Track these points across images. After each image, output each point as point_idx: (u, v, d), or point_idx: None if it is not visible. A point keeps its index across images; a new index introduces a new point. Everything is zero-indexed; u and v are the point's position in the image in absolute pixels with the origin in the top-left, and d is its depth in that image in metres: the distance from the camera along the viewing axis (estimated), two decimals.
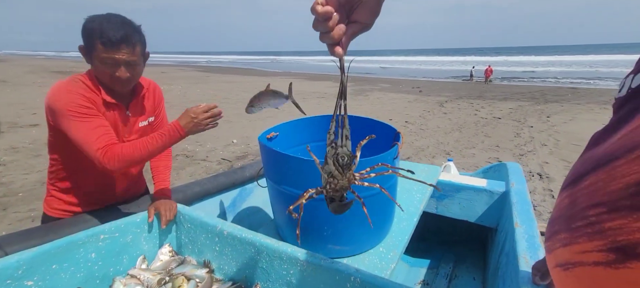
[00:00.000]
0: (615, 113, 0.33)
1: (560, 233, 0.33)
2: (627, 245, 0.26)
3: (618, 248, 0.26)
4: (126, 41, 0.90)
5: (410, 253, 1.80)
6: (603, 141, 0.32)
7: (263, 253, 0.88)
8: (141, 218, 1.04)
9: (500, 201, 1.44)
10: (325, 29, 0.41)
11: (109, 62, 0.91)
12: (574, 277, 0.31)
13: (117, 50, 0.89)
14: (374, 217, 1.03)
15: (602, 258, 0.28)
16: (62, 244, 0.87)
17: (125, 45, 0.90)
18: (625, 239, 0.26)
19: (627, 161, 0.27)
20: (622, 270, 0.26)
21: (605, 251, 0.27)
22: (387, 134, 1.17)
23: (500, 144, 4.58)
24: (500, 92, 10.82)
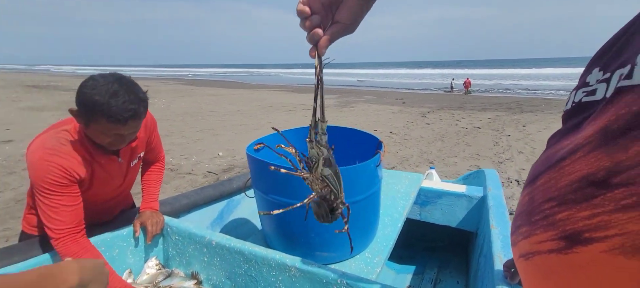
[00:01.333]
0: (563, 124, 0.38)
1: (522, 227, 0.37)
2: (573, 233, 0.30)
3: (566, 236, 0.31)
4: (134, 117, 0.83)
5: (396, 260, 1.84)
6: (555, 144, 0.37)
7: (252, 261, 0.90)
8: (127, 231, 1.03)
9: (478, 205, 1.51)
10: (305, 29, 0.42)
11: (113, 135, 0.85)
12: (533, 265, 0.35)
13: (123, 126, 0.82)
14: (360, 223, 1.07)
15: (554, 246, 0.32)
16: (43, 260, 0.86)
17: (133, 120, 0.83)
18: (571, 228, 0.30)
19: (571, 162, 0.32)
20: (570, 255, 0.30)
21: (557, 239, 0.32)
22: (370, 144, 1.22)
23: (481, 153, 4.76)
24: (480, 103, 11.27)
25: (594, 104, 0.33)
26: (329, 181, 0.52)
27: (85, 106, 0.80)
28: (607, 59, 0.36)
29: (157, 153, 1.16)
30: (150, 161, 1.17)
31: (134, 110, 0.82)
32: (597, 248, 0.28)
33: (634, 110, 0.27)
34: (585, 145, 0.31)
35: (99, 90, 0.79)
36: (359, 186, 1.01)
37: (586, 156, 0.30)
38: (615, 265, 0.27)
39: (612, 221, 0.27)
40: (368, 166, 1.00)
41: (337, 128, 1.37)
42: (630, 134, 0.27)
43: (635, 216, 0.26)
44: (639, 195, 0.26)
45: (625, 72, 0.30)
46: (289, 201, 0.99)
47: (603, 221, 0.28)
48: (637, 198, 0.26)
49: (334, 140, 1.52)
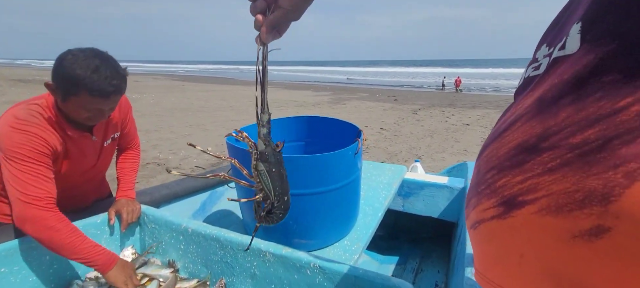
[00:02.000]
0: (514, 99, 0.40)
1: (472, 199, 0.38)
2: (509, 198, 0.31)
3: (504, 201, 0.32)
4: (116, 92, 0.84)
5: (381, 251, 1.86)
6: (502, 118, 0.37)
7: (227, 248, 0.90)
8: (101, 219, 1.02)
9: (459, 196, 1.54)
10: (252, 15, 0.42)
11: (93, 109, 0.84)
12: (480, 233, 0.36)
13: (106, 100, 0.83)
14: (339, 211, 1.08)
15: (495, 212, 0.33)
16: (11, 246, 0.84)
17: (115, 96, 0.84)
18: (509, 193, 0.31)
19: (511, 132, 0.33)
20: (508, 219, 0.31)
21: (497, 206, 0.32)
22: (350, 133, 1.23)
23: (468, 149, 4.83)
24: (469, 101, 11.42)
25: (534, 78, 0.34)
26: (261, 178, 0.50)
27: (65, 80, 0.79)
28: (552, 35, 0.36)
29: (131, 139, 1.15)
30: (125, 148, 1.15)
31: (117, 85, 0.83)
32: (529, 210, 0.29)
33: (565, 78, 0.28)
34: (524, 115, 0.32)
35: (80, 64, 0.79)
36: (336, 173, 1.01)
37: (523, 125, 0.31)
38: (544, 225, 0.28)
39: (540, 183, 0.28)
40: (346, 154, 1.00)
41: (319, 118, 1.37)
42: (561, 102, 0.28)
43: (559, 177, 0.27)
44: (562, 157, 0.27)
45: (560, 44, 0.31)
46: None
47: (533, 184, 0.29)
48: (560, 160, 0.27)
49: (315, 130, 1.52)
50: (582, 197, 0.25)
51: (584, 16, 0.28)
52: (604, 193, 0.24)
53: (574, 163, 0.26)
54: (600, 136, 0.25)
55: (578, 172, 0.26)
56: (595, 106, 0.25)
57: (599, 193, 0.24)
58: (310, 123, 1.39)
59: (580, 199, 0.25)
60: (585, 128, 0.26)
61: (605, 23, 0.26)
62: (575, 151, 0.26)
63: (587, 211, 0.25)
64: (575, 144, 0.26)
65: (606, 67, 0.25)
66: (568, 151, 0.27)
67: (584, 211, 0.25)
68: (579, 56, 0.27)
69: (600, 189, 0.24)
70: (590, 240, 0.25)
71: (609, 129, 0.24)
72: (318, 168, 0.98)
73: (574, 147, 0.26)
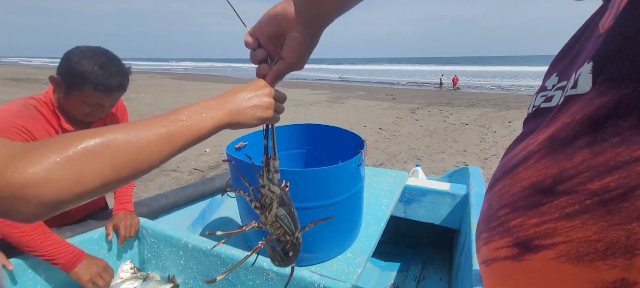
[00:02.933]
0: (524, 126, 0.38)
1: (482, 233, 0.37)
2: (525, 240, 0.30)
3: (519, 243, 0.31)
4: (119, 89, 0.89)
5: (383, 257, 1.84)
6: (512, 150, 0.36)
7: (229, 264, 0.88)
8: (99, 234, 0.99)
9: (462, 203, 1.52)
10: (253, 63, 0.42)
11: (96, 105, 0.88)
12: (492, 272, 0.35)
13: (108, 96, 0.87)
14: (342, 224, 1.06)
15: (509, 252, 0.32)
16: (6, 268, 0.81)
17: (117, 92, 0.89)
18: (524, 235, 0.30)
19: (524, 169, 0.32)
20: (524, 262, 0.30)
21: (511, 246, 0.31)
22: (353, 143, 1.21)
23: (467, 149, 4.83)
24: (468, 99, 11.43)
25: (550, 111, 0.33)
26: (282, 222, 0.49)
27: (71, 74, 0.83)
28: (563, 65, 0.36)
29: None
30: None
31: (120, 82, 0.87)
32: (546, 256, 0.28)
33: (578, 119, 0.27)
34: (536, 152, 0.31)
35: (88, 60, 0.83)
36: (340, 186, 1.00)
37: (537, 163, 0.30)
38: (562, 272, 0.27)
39: (558, 228, 0.27)
40: (349, 166, 0.98)
41: (320, 126, 1.35)
42: (575, 144, 0.27)
43: (578, 224, 0.26)
44: (580, 203, 0.26)
45: (572, 82, 0.30)
46: None
47: (550, 228, 0.28)
48: (579, 206, 0.26)
49: (316, 138, 1.49)
50: (604, 247, 0.24)
51: (596, 55, 0.27)
52: (628, 245, 0.23)
53: (595, 211, 0.25)
54: (620, 185, 0.24)
55: (599, 221, 0.25)
56: (613, 152, 0.24)
57: (623, 244, 0.24)
58: (310, 131, 1.37)
59: (602, 249, 0.25)
60: (604, 175, 0.25)
61: (621, 65, 0.25)
62: (595, 198, 0.25)
63: (610, 263, 0.24)
64: (594, 191, 0.25)
65: (623, 111, 0.24)
66: (587, 198, 0.26)
67: (606, 263, 0.24)
68: (592, 97, 0.27)
69: (624, 240, 0.24)
70: None
71: (630, 178, 0.23)
72: (321, 181, 0.96)
73: (593, 194, 0.25)
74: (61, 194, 0.27)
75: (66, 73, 0.84)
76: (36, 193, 0.26)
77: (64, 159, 0.27)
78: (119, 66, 0.88)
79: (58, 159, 0.27)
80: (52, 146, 0.28)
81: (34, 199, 0.26)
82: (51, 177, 0.27)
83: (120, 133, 0.31)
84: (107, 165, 0.30)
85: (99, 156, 0.30)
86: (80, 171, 0.29)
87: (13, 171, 0.26)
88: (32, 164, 0.26)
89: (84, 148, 0.29)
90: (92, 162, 0.29)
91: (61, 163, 0.27)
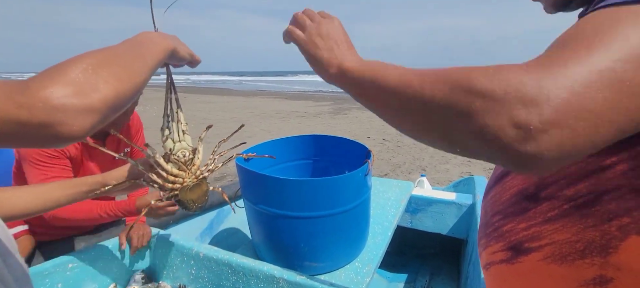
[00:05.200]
0: None
1: (482, 239, 0.40)
2: (516, 243, 0.33)
3: (512, 246, 0.33)
4: (133, 103, 0.93)
5: (389, 268, 1.84)
6: None
7: (240, 273, 0.89)
8: (112, 244, 1.01)
9: (468, 213, 1.53)
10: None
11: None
12: (491, 275, 0.38)
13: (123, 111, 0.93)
14: (349, 233, 1.07)
15: (504, 256, 0.34)
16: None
17: (132, 106, 0.94)
18: (515, 238, 0.33)
19: (511, 177, 0.35)
20: (516, 265, 0.33)
21: (505, 250, 0.34)
22: (359, 153, 1.23)
23: (472, 160, 4.83)
24: None
25: None
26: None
27: None
28: None
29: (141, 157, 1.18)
30: None
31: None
32: (535, 257, 0.31)
33: None
34: None
35: None
36: (347, 195, 1.01)
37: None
38: (550, 272, 0.29)
39: (543, 232, 0.30)
40: (356, 176, 1.00)
41: (327, 137, 1.38)
42: None
43: (559, 227, 0.29)
44: (559, 208, 0.29)
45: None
46: (277, 212, 0.99)
47: (536, 232, 0.31)
48: (558, 211, 0.29)
49: (323, 149, 1.52)
50: (583, 247, 0.27)
51: None
52: (602, 244, 0.26)
53: (572, 215, 0.28)
54: (591, 190, 0.27)
55: (576, 223, 0.28)
56: (584, 162, 0.27)
57: (598, 243, 0.26)
58: (317, 142, 1.40)
59: (581, 249, 0.27)
60: (577, 181, 0.28)
61: None
62: (571, 202, 0.28)
63: (589, 261, 0.27)
64: (570, 197, 0.28)
65: None
66: (564, 202, 0.29)
67: (585, 261, 0.27)
68: None
69: (598, 240, 0.26)
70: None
71: (599, 184, 0.26)
72: (328, 191, 0.98)
73: (569, 199, 0.28)
74: (94, 92, 0.29)
75: None
76: (78, 99, 0.28)
77: (83, 69, 0.29)
78: None
79: (79, 70, 0.29)
80: (66, 65, 0.29)
81: (78, 105, 0.27)
82: (81, 79, 0.29)
83: (109, 50, 0.35)
84: (120, 68, 0.33)
85: (112, 62, 0.33)
86: (108, 73, 0.31)
87: (45, 88, 0.27)
88: (61, 77, 0.28)
89: (95, 58, 0.32)
90: (111, 66, 0.32)
91: (84, 70, 0.29)
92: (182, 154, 0.54)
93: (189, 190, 0.56)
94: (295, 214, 0.97)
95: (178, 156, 0.54)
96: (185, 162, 0.54)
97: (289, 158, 1.38)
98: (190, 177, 0.54)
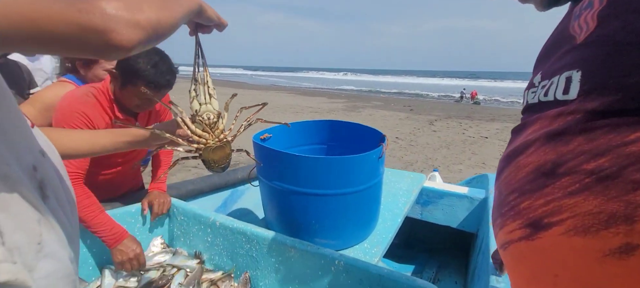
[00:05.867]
0: (521, 120, 0.42)
1: (497, 219, 0.40)
2: (535, 220, 0.33)
3: (530, 223, 0.34)
4: (167, 87, 0.96)
5: (396, 259, 1.85)
6: (513, 141, 0.41)
7: (253, 242, 0.93)
8: (136, 209, 1.08)
9: (480, 207, 1.52)
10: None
11: (145, 99, 0.97)
12: (510, 254, 0.38)
13: (158, 93, 0.95)
14: (360, 213, 1.09)
15: (523, 233, 0.35)
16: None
17: (165, 89, 0.96)
18: (534, 215, 0.33)
19: (526, 156, 0.36)
20: (537, 241, 0.33)
21: (523, 227, 0.35)
22: (373, 138, 1.25)
23: (487, 162, 4.73)
24: (488, 113, 11.16)
25: (538, 106, 0.38)
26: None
27: (127, 70, 0.92)
28: (546, 65, 0.40)
29: None
30: None
31: (169, 80, 0.95)
32: (556, 231, 0.31)
33: (570, 114, 0.33)
34: (535, 141, 0.35)
35: (143, 58, 0.91)
36: (360, 176, 1.04)
37: (537, 150, 0.34)
38: (572, 245, 0.30)
39: (563, 206, 0.31)
40: (370, 157, 1.02)
41: (341, 122, 1.40)
42: (570, 133, 0.32)
43: (580, 200, 0.29)
44: (581, 182, 0.30)
45: (562, 88, 0.35)
46: (291, 188, 1.02)
47: (556, 207, 0.31)
48: (580, 184, 0.30)
49: (337, 134, 1.54)
50: (606, 218, 0.28)
51: (584, 66, 0.33)
52: (627, 213, 0.27)
53: (594, 187, 0.29)
54: (614, 164, 0.28)
55: (599, 195, 0.28)
56: (606, 138, 0.29)
57: (622, 213, 0.27)
58: (332, 127, 1.42)
59: (604, 220, 0.28)
60: (598, 157, 0.29)
61: (608, 77, 0.30)
62: (593, 176, 0.29)
63: (614, 230, 0.27)
64: (591, 170, 0.29)
65: (614, 112, 0.29)
66: (586, 176, 0.29)
67: (610, 231, 0.27)
68: (581, 100, 0.32)
69: (622, 210, 0.27)
70: (621, 257, 0.27)
71: (621, 158, 0.27)
72: (342, 170, 1.01)
73: (591, 172, 0.29)
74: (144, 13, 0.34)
75: (123, 68, 0.93)
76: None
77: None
78: (170, 65, 0.96)
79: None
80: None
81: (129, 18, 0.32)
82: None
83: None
84: (160, 1, 0.38)
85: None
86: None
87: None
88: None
89: None
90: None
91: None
92: (207, 116, 0.57)
93: (211, 150, 0.60)
94: (308, 191, 1.01)
95: (203, 118, 0.58)
96: (210, 124, 0.57)
97: (304, 141, 1.41)
98: (213, 139, 0.57)
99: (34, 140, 0.38)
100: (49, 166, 0.38)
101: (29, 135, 0.37)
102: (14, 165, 0.33)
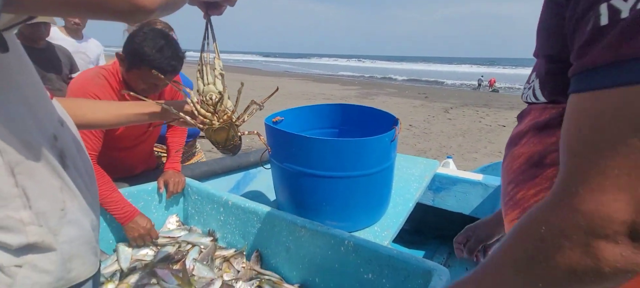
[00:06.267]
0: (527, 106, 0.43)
1: (502, 208, 0.42)
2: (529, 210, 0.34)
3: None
4: (173, 72, 0.96)
5: (407, 245, 1.85)
6: (513, 133, 0.42)
7: (264, 221, 0.95)
8: (152, 187, 1.11)
9: (494, 194, 1.49)
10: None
11: (151, 84, 0.97)
12: None
13: (162, 77, 0.96)
14: (371, 196, 1.09)
15: None
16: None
17: (171, 74, 0.96)
18: (527, 205, 0.35)
19: (519, 146, 0.37)
20: None
21: (520, 217, 0.35)
22: (386, 123, 1.23)
23: (503, 151, 4.60)
24: (507, 102, 10.78)
25: (532, 102, 0.40)
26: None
27: (132, 53, 0.92)
28: (536, 65, 0.41)
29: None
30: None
31: (174, 66, 0.94)
32: None
33: (549, 112, 0.35)
34: (527, 133, 0.37)
35: (149, 43, 0.91)
36: (372, 159, 1.03)
37: (527, 141, 0.36)
38: None
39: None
40: (382, 140, 1.01)
41: (354, 106, 1.38)
42: (551, 126, 0.34)
43: None
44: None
45: (535, 91, 0.38)
46: (302, 169, 1.02)
47: (544, 196, 0.31)
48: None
49: (350, 118, 1.52)
50: None
51: (539, 74, 0.35)
52: None
53: None
54: None
55: None
56: None
57: None
58: (345, 111, 1.41)
59: None
60: None
61: (553, 85, 0.33)
62: None
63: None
64: None
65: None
66: None
67: None
68: (544, 106, 0.35)
69: None
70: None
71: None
72: (354, 152, 1.00)
73: None
74: None
75: (129, 52, 0.93)
76: None
77: None
78: (175, 50, 0.95)
79: None
80: None
81: None
82: None
83: None
84: None
85: None
86: None
87: None
88: None
89: None
90: None
91: None
92: (209, 96, 0.58)
93: (214, 131, 0.60)
94: (319, 173, 1.01)
95: (205, 98, 0.58)
96: (213, 104, 0.57)
97: (316, 125, 1.41)
98: (218, 121, 0.58)
99: (54, 111, 0.39)
100: (68, 135, 0.40)
101: (49, 106, 0.39)
102: (36, 134, 0.34)
